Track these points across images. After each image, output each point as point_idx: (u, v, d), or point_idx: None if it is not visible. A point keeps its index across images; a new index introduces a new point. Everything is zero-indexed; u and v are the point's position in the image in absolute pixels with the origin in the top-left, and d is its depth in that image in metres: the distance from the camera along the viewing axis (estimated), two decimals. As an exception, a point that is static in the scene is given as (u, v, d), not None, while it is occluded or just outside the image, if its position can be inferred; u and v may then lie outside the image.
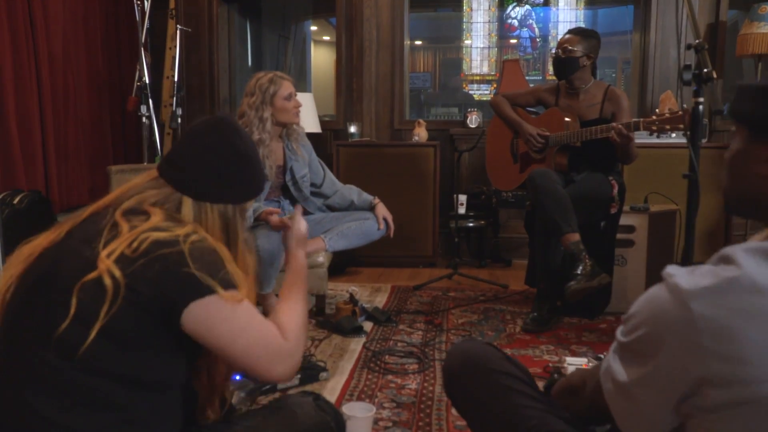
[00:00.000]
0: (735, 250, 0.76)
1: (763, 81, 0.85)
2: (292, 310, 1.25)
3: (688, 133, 1.93)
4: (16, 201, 3.04)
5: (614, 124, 2.69)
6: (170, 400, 1.11)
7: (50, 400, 1.00)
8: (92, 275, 1.00)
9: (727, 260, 0.75)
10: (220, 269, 1.06)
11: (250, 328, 1.09)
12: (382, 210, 2.93)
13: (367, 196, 3.02)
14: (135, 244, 1.02)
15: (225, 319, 1.05)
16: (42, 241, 1.12)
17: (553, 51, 3.01)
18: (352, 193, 3.03)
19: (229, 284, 1.06)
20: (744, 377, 0.71)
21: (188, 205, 1.16)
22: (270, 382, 1.16)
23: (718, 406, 0.73)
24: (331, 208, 3.10)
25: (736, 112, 0.89)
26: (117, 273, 1.00)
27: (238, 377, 1.90)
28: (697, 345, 0.73)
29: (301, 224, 1.49)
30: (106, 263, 1.00)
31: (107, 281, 0.99)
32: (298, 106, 2.87)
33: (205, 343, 1.06)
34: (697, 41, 1.85)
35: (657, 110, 2.62)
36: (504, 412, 1.16)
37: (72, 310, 0.99)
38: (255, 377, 1.15)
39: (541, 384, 1.31)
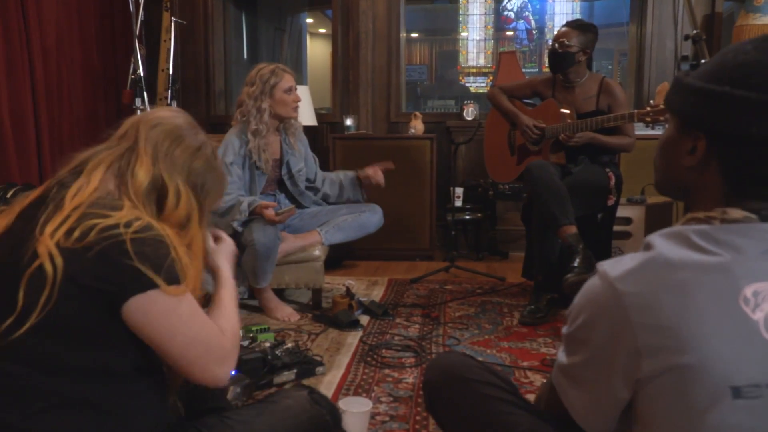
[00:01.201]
0: (652, 236, 0.85)
1: (697, 77, 0.88)
2: (230, 315, 1.20)
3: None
4: (9, 195, 3.01)
5: (567, 128, 2.75)
6: (147, 390, 1.08)
7: (11, 407, 0.96)
8: (35, 264, 0.95)
9: (647, 246, 0.85)
10: (164, 261, 1.00)
11: (192, 324, 1.05)
12: (366, 170, 2.97)
13: (348, 172, 3.05)
14: (76, 233, 0.97)
15: (165, 313, 1.01)
16: None
17: (550, 43, 2.99)
18: (338, 174, 3.08)
19: (172, 278, 1.01)
20: (668, 344, 0.78)
21: (144, 169, 1.10)
22: (203, 385, 1.11)
23: (651, 376, 0.79)
24: (326, 199, 3.09)
25: (669, 102, 0.93)
26: (58, 260, 0.95)
27: (233, 372, 1.89)
28: (625, 320, 0.80)
29: (230, 242, 1.40)
30: (48, 245, 0.95)
31: (48, 267, 0.94)
32: (297, 100, 2.85)
33: (144, 336, 1.02)
34: (694, 32, 1.84)
35: (652, 101, 2.63)
36: (487, 420, 1.15)
37: (19, 306, 0.95)
38: (190, 380, 1.09)
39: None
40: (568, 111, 2.92)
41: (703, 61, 1.79)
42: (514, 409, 1.14)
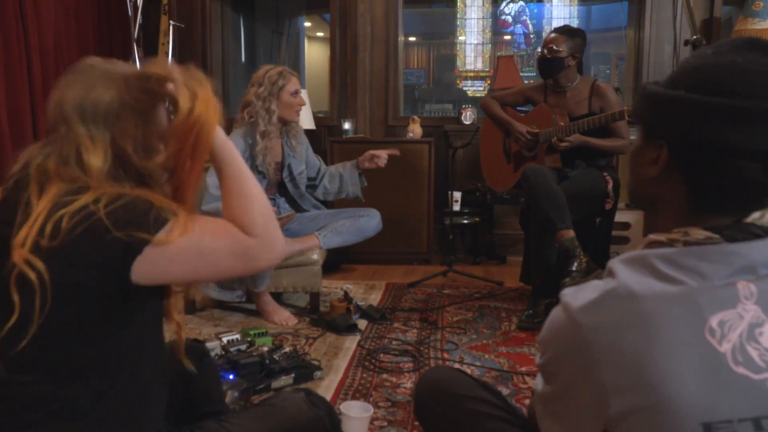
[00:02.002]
0: (614, 263, 0.81)
1: (659, 84, 0.87)
2: (244, 200, 1.07)
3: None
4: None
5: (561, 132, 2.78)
6: (149, 395, 1.06)
7: (13, 415, 0.95)
8: (16, 271, 0.92)
9: (610, 273, 0.81)
10: (147, 216, 0.95)
11: (205, 249, 1.00)
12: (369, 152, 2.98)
13: (346, 163, 3.06)
14: (48, 229, 0.92)
15: (174, 258, 0.97)
16: None
17: (539, 50, 3.01)
18: (338, 167, 3.08)
19: (159, 224, 0.95)
20: (635, 383, 0.74)
21: (93, 154, 1.01)
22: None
23: (621, 415, 0.75)
24: (326, 196, 3.09)
25: (635, 110, 0.92)
26: (39, 264, 0.91)
27: (231, 376, 1.88)
28: (590, 358, 0.77)
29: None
30: (22, 254, 0.91)
31: (31, 275, 0.91)
32: (301, 104, 2.86)
33: (170, 283, 1.00)
34: (695, 37, 1.84)
35: None
36: None
37: (16, 313, 0.92)
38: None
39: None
40: (558, 117, 2.93)
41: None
42: (503, 425, 1.14)
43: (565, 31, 2.96)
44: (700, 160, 0.81)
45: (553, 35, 2.96)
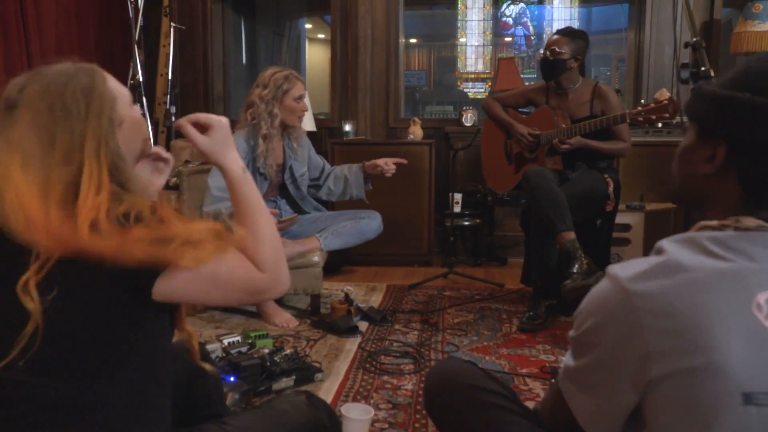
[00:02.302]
0: (663, 242, 0.84)
1: (719, 85, 0.89)
2: (257, 236, 1.09)
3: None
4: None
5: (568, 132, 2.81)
6: (151, 399, 1.06)
7: (19, 420, 0.95)
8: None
9: (658, 250, 0.84)
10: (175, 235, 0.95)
11: (220, 279, 1.02)
12: (378, 161, 2.97)
13: (353, 165, 3.05)
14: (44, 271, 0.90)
15: (190, 281, 0.98)
16: None
17: (541, 52, 3.01)
18: (343, 168, 3.08)
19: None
20: (680, 347, 0.77)
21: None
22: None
23: (661, 378, 0.78)
24: (329, 196, 3.09)
25: (690, 110, 0.93)
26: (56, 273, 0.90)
27: (232, 379, 1.89)
28: (636, 323, 0.79)
29: (222, 121, 1.16)
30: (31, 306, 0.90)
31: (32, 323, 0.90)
32: (304, 109, 2.86)
33: (180, 302, 1.03)
34: (694, 39, 1.84)
35: (643, 101, 2.66)
36: (487, 428, 1.15)
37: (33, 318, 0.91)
38: None
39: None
40: (560, 119, 2.94)
41: (703, 68, 1.79)
42: (514, 417, 1.14)
43: (567, 33, 2.97)
44: (761, 161, 0.84)
45: (555, 37, 2.96)
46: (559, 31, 3.00)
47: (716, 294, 0.78)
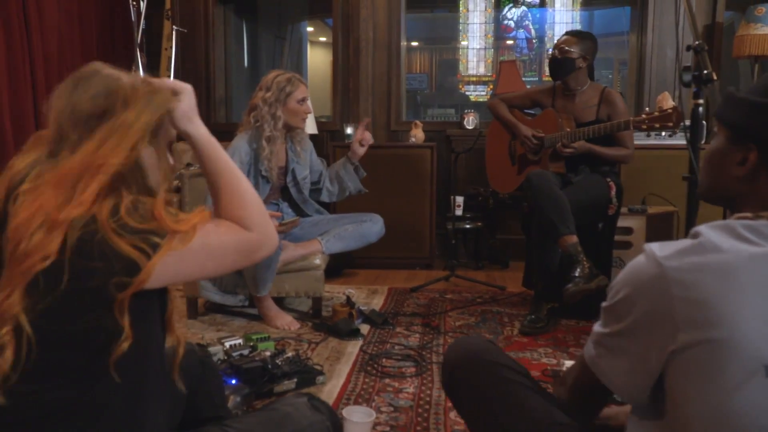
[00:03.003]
0: (700, 227, 0.89)
1: (751, 92, 0.93)
2: (237, 197, 1.10)
3: (688, 133, 1.92)
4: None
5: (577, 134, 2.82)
6: (150, 399, 1.06)
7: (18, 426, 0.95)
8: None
9: (695, 234, 0.88)
10: (147, 230, 0.95)
11: (212, 248, 1.03)
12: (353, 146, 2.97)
13: (339, 161, 3.05)
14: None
15: (184, 259, 0.99)
16: None
17: (550, 52, 3.01)
18: (334, 167, 3.07)
19: (153, 245, 0.95)
20: (705, 318, 0.81)
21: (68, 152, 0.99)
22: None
23: (685, 347, 0.82)
24: (329, 197, 3.09)
25: (722, 115, 0.98)
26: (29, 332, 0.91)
27: (234, 381, 1.88)
28: (668, 294, 0.84)
29: (186, 88, 1.13)
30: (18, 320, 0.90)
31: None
32: (308, 111, 2.87)
33: (179, 282, 1.03)
34: (696, 42, 1.84)
35: (647, 108, 2.65)
36: (508, 403, 1.17)
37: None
38: None
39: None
40: (565, 122, 2.94)
41: (705, 71, 1.79)
42: (531, 393, 1.18)
43: (576, 33, 2.99)
44: None
45: (564, 37, 2.99)
46: (567, 32, 3.04)
47: (745, 274, 0.82)
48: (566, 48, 2.91)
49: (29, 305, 0.91)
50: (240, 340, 2.30)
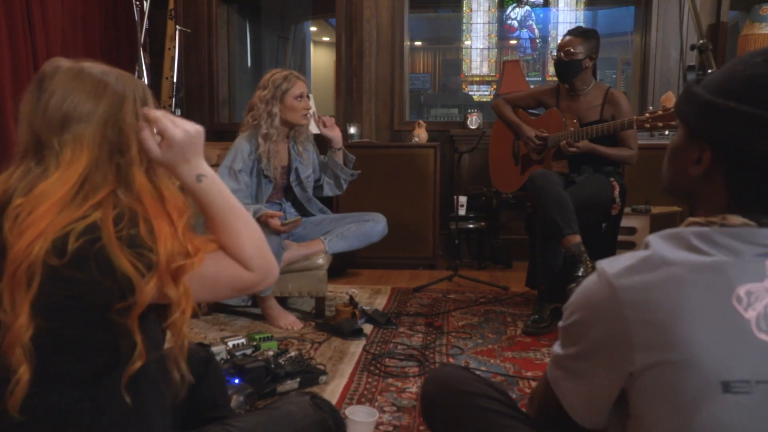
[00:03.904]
0: (651, 237, 0.87)
1: (707, 87, 0.88)
2: (234, 236, 1.06)
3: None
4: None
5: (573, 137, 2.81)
6: (152, 399, 1.06)
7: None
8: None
9: (645, 245, 0.86)
10: (146, 246, 0.94)
11: (207, 278, 1.02)
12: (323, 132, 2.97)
13: (328, 154, 3.05)
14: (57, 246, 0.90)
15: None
16: None
17: (554, 54, 3.00)
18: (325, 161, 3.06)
19: (148, 266, 0.94)
20: (660, 340, 0.79)
21: (59, 161, 0.98)
22: None
23: (643, 369, 0.81)
24: (332, 189, 3.08)
25: (679, 110, 0.94)
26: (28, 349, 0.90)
27: (236, 381, 1.88)
28: (620, 316, 0.82)
29: (186, 131, 1.05)
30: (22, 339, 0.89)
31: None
32: (307, 107, 2.86)
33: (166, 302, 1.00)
34: (701, 42, 1.83)
35: (651, 107, 2.64)
36: None
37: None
38: None
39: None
40: (568, 120, 2.93)
41: (710, 71, 1.78)
42: (512, 421, 1.14)
43: (580, 33, 2.95)
44: (746, 169, 0.84)
45: (568, 38, 2.95)
46: (570, 32, 2.98)
47: (696, 288, 0.80)
48: (572, 50, 2.89)
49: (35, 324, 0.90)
50: (243, 340, 2.30)
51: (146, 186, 1.02)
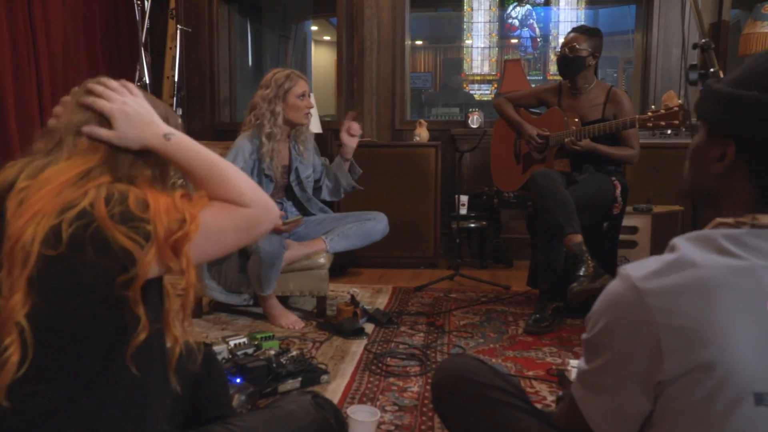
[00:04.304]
0: (677, 239, 0.84)
1: (727, 83, 0.88)
2: (226, 182, 1.06)
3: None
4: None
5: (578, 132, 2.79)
6: (152, 398, 1.05)
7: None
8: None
9: (672, 248, 0.83)
10: (139, 217, 0.94)
11: (209, 230, 1.01)
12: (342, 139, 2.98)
13: (337, 158, 3.05)
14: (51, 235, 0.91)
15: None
16: None
17: (558, 50, 2.99)
18: (333, 165, 3.06)
19: (147, 236, 0.94)
20: (691, 346, 0.76)
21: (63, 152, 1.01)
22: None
23: (673, 378, 0.77)
24: (330, 193, 3.08)
25: (700, 108, 0.92)
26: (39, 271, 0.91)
27: (238, 380, 1.88)
28: (647, 321, 0.78)
29: (114, 104, 1.07)
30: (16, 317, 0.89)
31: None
32: (309, 106, 2.86)
33: (178, 270, 1.00)
34: (703, 41, 1.83)
35: (653, 106, 2.64)
36: (496, 425, 1.14)
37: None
38: None
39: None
40: (569, 118, 2.92)
41: (712, 70, 1.78)
42: (524, 414, 1.13)
43: (584, 30, 2.95)
44: None
45: (572, 35, 2.94)
46: (575, 29, 2.98)
47: (728, 292, 0.76)
48: (576, 46, 2.89)
49: (31, 306, 0.90)
50: (244, 339, 2.30)
51: (146, 178, 1.04)
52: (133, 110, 1.06)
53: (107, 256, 0.92)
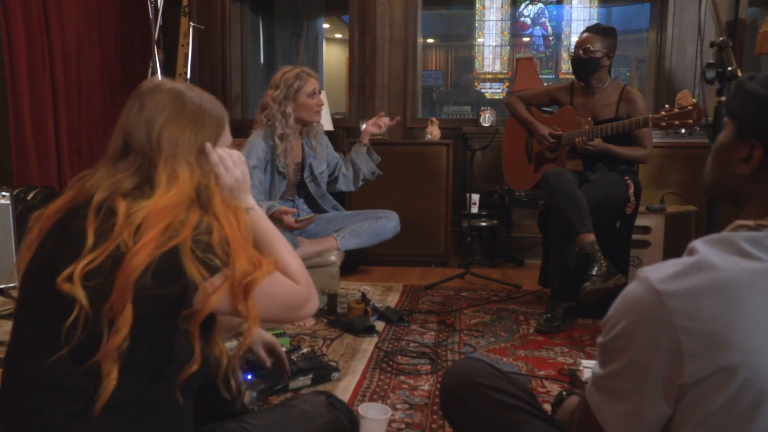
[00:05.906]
0: (696, 242, 0.82)
1: (762, 83, 0.86)
2: (287, 255, 1.20)
3: (711, 132, 1.90)
4: (29, 197, 3.04)
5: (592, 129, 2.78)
6: (177, 397, 1.05)
7: (50, 408, 0.96)
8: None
9: (690, 251, 0.82)
10: (215, 253, 0.99)
11: (262, 292, 1.05)
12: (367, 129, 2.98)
13: (355, 145, 3.03)
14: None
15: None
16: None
17: (572, 51, 2.97)
18: (350, 154, 3.05)
19: (212, 269, 0.99)
20: (713, 348, 0.75)
21: (163, 178, 1.05)
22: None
23: (695, 381, 0.76)
24: (347, 183, 3.06)
25: (730, 106, 0.91)
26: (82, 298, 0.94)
27: (249, 377, 1.89)
28: (667, 323, 0.77)
29: (236, 169, 1.20)
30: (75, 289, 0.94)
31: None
32: (320, 104, 2.86)
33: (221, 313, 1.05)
34: (721, 39, 1.81)
35: (667, 105, 2.61)
36: (503, 429, 1.13)
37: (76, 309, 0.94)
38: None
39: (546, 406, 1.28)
40: (581, 118, 2.91)
41: (729, 68, 1.76)
42: (531, 418, 1.13)
43: (598, 30, 2.91)
44: None
45: (586, 35, 2.91)
46: (589, 29, 2.94)
47: (749, 294, 0.76)
48: (590, 47, 2.85)
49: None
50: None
51: (222, 207, 1.09)
52: (237, 185, 1.20)
53: (176, 284, 0.96)
